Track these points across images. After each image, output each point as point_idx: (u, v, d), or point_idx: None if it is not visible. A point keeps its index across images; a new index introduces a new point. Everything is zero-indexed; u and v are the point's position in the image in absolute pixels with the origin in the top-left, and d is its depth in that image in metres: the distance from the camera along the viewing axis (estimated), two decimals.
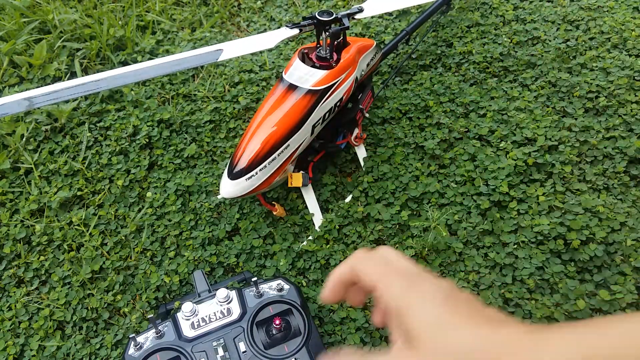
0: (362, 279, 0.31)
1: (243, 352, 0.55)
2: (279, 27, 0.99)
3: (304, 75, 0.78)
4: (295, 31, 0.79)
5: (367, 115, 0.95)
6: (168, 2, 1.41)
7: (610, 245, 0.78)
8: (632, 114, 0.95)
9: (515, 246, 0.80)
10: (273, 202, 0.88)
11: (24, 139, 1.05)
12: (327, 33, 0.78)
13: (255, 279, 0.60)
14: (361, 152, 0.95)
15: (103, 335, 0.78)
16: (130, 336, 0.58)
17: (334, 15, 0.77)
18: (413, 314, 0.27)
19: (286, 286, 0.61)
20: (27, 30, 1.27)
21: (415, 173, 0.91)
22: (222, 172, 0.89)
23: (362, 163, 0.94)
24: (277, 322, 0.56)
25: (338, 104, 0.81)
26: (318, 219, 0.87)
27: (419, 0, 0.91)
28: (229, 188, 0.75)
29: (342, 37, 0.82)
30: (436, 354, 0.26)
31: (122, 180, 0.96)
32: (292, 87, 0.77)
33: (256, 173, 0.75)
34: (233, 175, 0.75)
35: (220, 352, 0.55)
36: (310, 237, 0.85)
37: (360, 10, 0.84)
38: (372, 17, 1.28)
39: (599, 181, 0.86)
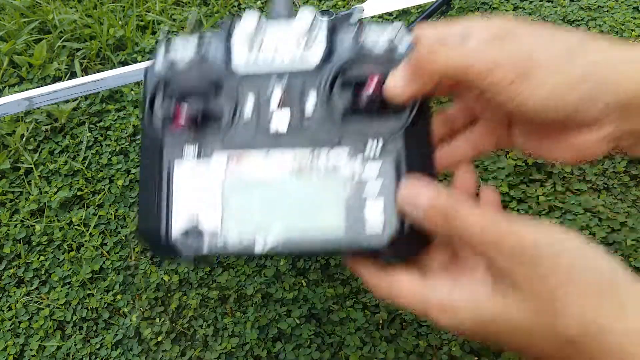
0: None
1: (311, 109, 0.37)
2: None
3: None
4: None
5: None
6: (168, 2, 1.41)
7: (610, 245, 0.78)
8: None
9: None
10: None
11: (24, 139, 1.05)
12: None
13: (359, 19, 0.42)
14: None
15: (103, 335, 0.78)
16: (162, 40, 0.39)
17: (333, 16, 0.77)
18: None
19: (401, 46, 0.38)
20: (27, 30, 1.27)
21: None
22: None
23: None
24: (374, 81, 0.36)
25: None
26: None
27: (419, 0, 0.91)
28: None
29: None
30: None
31: (122, 180, 0.97)
32: None
33: None
34: None
35: (277, 99, 0.37)
36: None
37: (361, 10, 0.84)
38: (372, 17, 1.28)
39: (599, 181, 0.86)
